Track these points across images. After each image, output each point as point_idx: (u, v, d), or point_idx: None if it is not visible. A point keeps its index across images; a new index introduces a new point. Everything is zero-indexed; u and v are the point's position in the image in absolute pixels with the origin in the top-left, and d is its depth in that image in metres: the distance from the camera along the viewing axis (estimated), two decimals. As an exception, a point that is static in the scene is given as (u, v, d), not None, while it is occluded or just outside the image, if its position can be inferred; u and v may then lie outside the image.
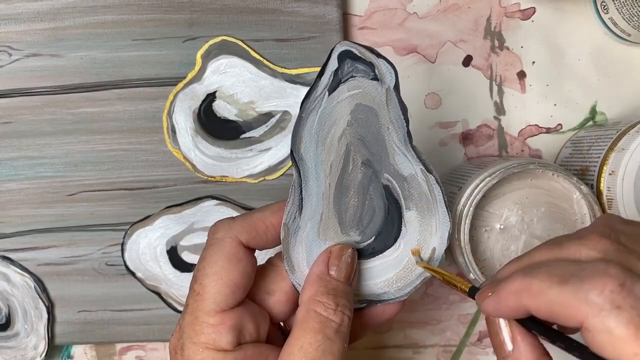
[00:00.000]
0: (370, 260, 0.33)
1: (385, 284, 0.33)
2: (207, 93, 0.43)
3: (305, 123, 0.32)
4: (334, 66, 0.31)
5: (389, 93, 0.31)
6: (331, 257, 0.32)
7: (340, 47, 0.31)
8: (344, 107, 0.32)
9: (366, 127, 0.32)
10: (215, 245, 0.31)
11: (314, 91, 0.31)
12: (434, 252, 0.32)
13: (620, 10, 0.40)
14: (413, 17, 0.43)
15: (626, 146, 0.36)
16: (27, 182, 0.43)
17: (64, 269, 0.44)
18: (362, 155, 0.32)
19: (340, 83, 0.31)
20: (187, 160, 0.43)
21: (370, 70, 0.31)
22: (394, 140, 0.32)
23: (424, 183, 0.32)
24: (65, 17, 0.42)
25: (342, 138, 0.32)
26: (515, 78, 0.44)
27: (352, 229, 0.33)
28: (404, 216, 0.32)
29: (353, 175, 0.32)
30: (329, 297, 0.31)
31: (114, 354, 0.46)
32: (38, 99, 0.43)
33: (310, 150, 0.32)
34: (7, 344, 0.44)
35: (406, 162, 0.32)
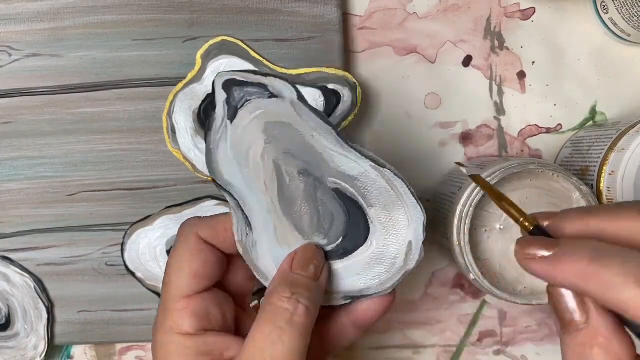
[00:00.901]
0: (345, 259, 0.33)
1: (365, 279, 0.33)
2: (207, 93, 0.42)
3: (217, 153, 0.32)
4: (223, 96, 0.32)
5: (295, 105, 0.32)
6: (296, 257, 0.32)
7: (220, 78, 0.32)
8: (254, 129, 0.32)
9: (287, 141, 0.32)
10: (180, 240, 0.34)
11: (213, 123, 0.32)
12: (410, 246, 0.32)
13: (620, 10, 0.40)
14: (413, 17, 0.43)
15: (626, 146, 0.36)
16: (27, 182, 0.43)
17: (64, 269, 0.44)
18: (295, 166, 0.32)
19: (238, 109, 0.32)
20: (187, 161, 0.43)
21: (263, 90, 0.32)
22: (326, 145, 0.32)
23: (379, 178, 0.32)
24: (65, 17, 0.42)
25: (264, 156, 0.32)
26: (515, 78, 0.44)
27: (314, 235, 0.33)
28: (368, 214, 0.32)
29: (294, 186, 0.32)
30: (284, 288, 0.31)
31: (113, 354, 0.46)
32: (38, 99, 0.43)
33: (235, 175, 0.32)
34: (7, 344, 0.44)
35: (350, 162, 0.32)
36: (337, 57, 0.42)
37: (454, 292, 0.45)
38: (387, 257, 0.33)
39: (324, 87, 0.42)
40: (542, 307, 0.45)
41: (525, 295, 0.37)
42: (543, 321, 0.46)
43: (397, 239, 0.32)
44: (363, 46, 0.44)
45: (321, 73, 0.42)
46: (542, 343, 0.46)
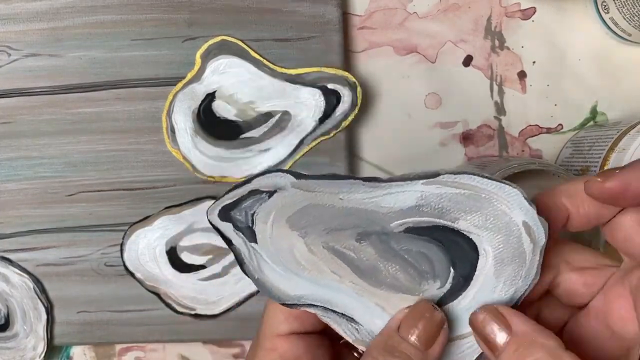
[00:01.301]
0: (472, 283, 0.28)
1: (506, 286, 0.28)
2: (206, 93, 0.42)
3: (267, 278, 0.29)
4: (229, 227, 0.29)
5: (300, 185, 0.28)
6: (406, 315, 0.28)
7: (212, 214, 0.29)
8: (281, 234, 0.28)
9: (321, 221, 0.28)
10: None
11: (241, 256, 0.29)
12: (527, 225, 0.27)
13: (621, 10, 0.40)
14: (413, 16, 0.43)
15: (627, 146, 0.36)
16: (26, 183, 0.43)
17: (63, 269, 0.44)
18: (348, 237, 0.28)
19: (252, 227, 0.28)
20: (186, 161, 0.43)
21: (259, 194, 0.28)
22: (360, 197, 0.28)
23: (442, 188, 0.28)
24: (64, 17, 0.42)
25: (312, 249, 0.28)
26: (515, 78, 0.44)
27: (422, 285, 0.28)
28: (461, 229, 0.28)
29: (364, 255, 0.28)
30: (378, 352, 0.27)
31: (113, 354, 0.46)
32: (37, 99, 0.43)
33: (300, 284, 0.29)
34: (6, 345, 0.44)
35: (399, 195, 0.28)
36: (337, 56, 0.42)
37: (454, 293, 0.45)
38: (512, 251, 0.28)
39: (324, 87, 0.42)
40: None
41: (525, 295, 0.37)
42: (543, 322, 0.45)
43: (508, 229, 0.28)
44: (363, 46, 0.44)
45: (321, 73, 0.42)
46: (542, 343, 0.46)
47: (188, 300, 0.44)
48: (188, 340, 0.45)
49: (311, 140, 0.42)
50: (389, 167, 0.44)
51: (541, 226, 0.27)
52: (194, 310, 0.44)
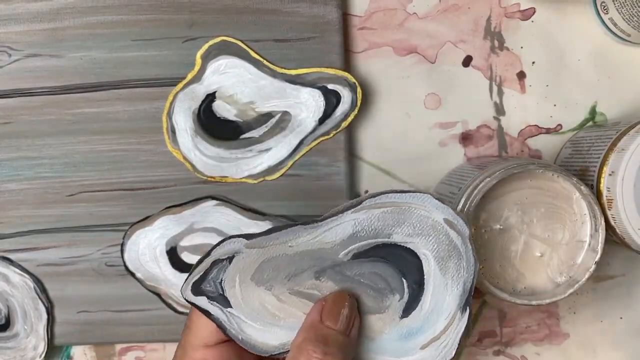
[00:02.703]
0: (426, 290, 0.32)
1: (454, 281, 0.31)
2: (206, 93, 0.42)
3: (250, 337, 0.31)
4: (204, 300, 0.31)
5: (251, 245, 0.31)
6: (325, 305, 0.31)
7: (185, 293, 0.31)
8: (250, 293, 0.31)
9: (280, 270, 0.31)
10: None
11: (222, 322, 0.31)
12: (449, 222, 0.31)
13: (620, 10, 0.40)
14: (413, 17, 0.43)
15: (626, 146, 0.36)
16: (27, 183, 0.43)
17: (64, 269, 0.44)
18: (308, 278, 0.31)
19: (223, 294, 0.31)
20: (186, 161, 0.43)
21: (221, 263, 0.31)
22: (306, 239, 0.31)
23: (369, 213, 0.31)
24: (65, 17, 0.42)
25: (280, 297, 0.31)
26: (515, 78, 0.44)
27: (384, 301, 0.32)
28: (397, 241, 0.31)
29: (325, 290, 0.31)
30: (316, 345, 0.29)
31: (113, 354, 0.46)
32: (37, 99, 0.43)
33: (279, 334, 0.31)
34: (6, 345, 0.44)
35: (337, 228, 0.31)
36: (337, 57, 0.42)
37: (453, 293, 0.45)
38: (446, 249, 0.31)
39: (324, 88, 0.42)
40: (541, 307, 0.45)
41: (524, 295, 0.37)
42: (542, 321, 0.46)
43: (435, 230, 0.31)
44: (363, 46, 0.44)
45: (321, 73, 0.42)
46: (541, 343, 0.46)
47: (188, 300, 0.44)
48: (188, 340, 0.45)
49: (311, 140, 0.42)
50: (388, 167, 0.44)
51: (460, 219, 0.31)
52: (194, 310, 0.44)
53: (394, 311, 0.32)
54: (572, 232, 0.37)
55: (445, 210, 0.31)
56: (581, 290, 0.40)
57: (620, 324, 0.46)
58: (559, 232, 0.37)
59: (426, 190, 0.31)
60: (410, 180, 0.44)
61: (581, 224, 0.37)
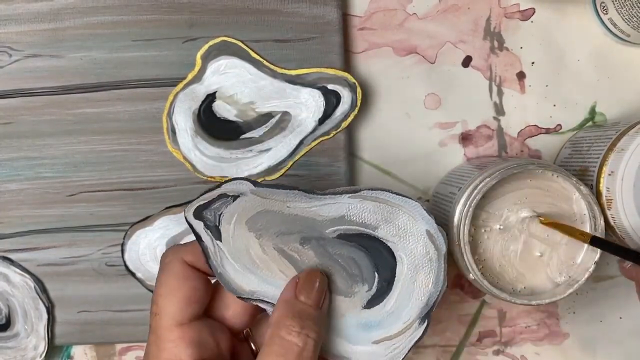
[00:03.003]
0: (393, 290, 0.33)
1: (420, 292, 0.33)
2: (207, 94, 0.43)
3: (227, 273, 0.33)
4: (200, 225, 0.33)
5: (257, 193, 0.33)
6: (299, 282, 0.32)
7: (188, 212, 0.33)
8: (240, 234, 0.33)
9: (272, 225, 0.33)
10: (165, 267, 0.33)
11: (208, 251, 0.33)
12: (430, 234, 0.32)
13: (620, 11, 0.40)
14: (413, 17, 0.44)
15: (625, 146, 0.36)
16: (27, 183, 0.43)
17: (64, 269, 0.44)
18: (293, 241, 0.33)
19: (219, 227, 0.33)
20: (187, 161, 0.43)
21: (226, 198, 0.33)
22: (304, 206, 0.33)
23: (363, 202, 0.33)
24: (65, 17, 0.42)
25: (264, 249, 0.33)
26: (514, 79, 0.44)
27: (352, 287, 0.33)
28: (380, 236, 0.33)
29: (305, 257, 0.33)
30: (293, 320, 0.30)
31: (113, 354, 0.46)
32: (38, 99, 0.43)
33: (253, 281, 0.33)
34: (7, 345, 0.44)
35: (332, 206, 0.33)
36: (337, 57, 0.42)
37: (453, 292, 0.45)
38: (421, 258, 0.33)
39: (324, 88, 0.42)
40: (541, 307, 0.45)
41: (524, 295, 0.37)
42: (542, 321, 0.46)
43: (416, 237, 0.33)
44: (363, 46, 0.44)
45: (321, 73, 0.42)
46: (541, 343, 0.46)
47: (188, 300, 0.44)
48: (188, 340, 0.45)
49: (311, 140, 0.42)
50: (388, 167, 0.44)
51: (441, 235, 0.32)
52: (195, 310, 0.44)
53: (359, 299, 0.33)
54: (571, 232, 0.37)
55: (430, 223, 0.33)
56: (581, 290, 0.40)
57: (619, 324, 0.46)
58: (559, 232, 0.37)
59: (418, 199, 0.32)
60: (410, 180, 0.45)
61: (581, 224, 0.37)
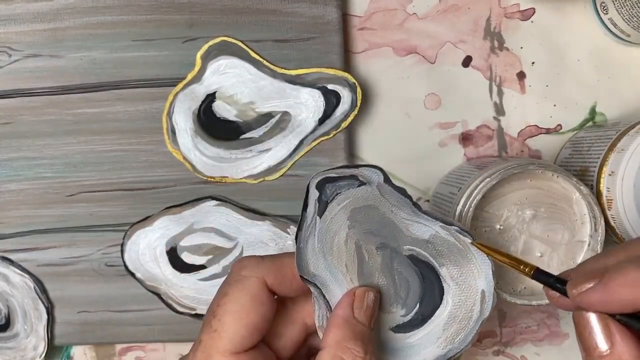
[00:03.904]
0: (425, 325, 0.33)
1: (446, 342, 0.33)
2: (206, 94, 0.43)
3: (306, 250, 0.32)
4: (315, 194, 0.32)
5: (380, 187, 0.32)
6: (355, 299, 0.31)
7: (316, 179, 0.32)
8: (340, 218, 0.32)
9: (369, 221, 0.32)
10: (241, 282, 0.30)
11: (303, 222, 0.32)
12: (483, 295, 0.32)
13: (620, 10, 0.40)
14: (413, 17, 0.43)
15: (626, 147, 0.36)
16: (27, 183, 0.43)
17: (64, 269, 0.44)
18: (374, 243, 0.32)
19: (328, 204, 0.32)
20: (186, 161, 0.43)
21: (354, 181, 0.32)
22: (403, 217, 0.32)
23: (448, 236, 0.32)
24: (65, 17, 0.42)
25: (348, 240, 0.32)
26: (514, 79, 0.44)
27: (392, 306, 0.33)
28: (441, 274, 0.33)
29: (372, 261, 0.33)
30: (357, 344, 0.29)
31: (113, 354, 0.46)
32: (38, 99, 0.43)
33: (320, 265, 0.32)
34: (6, 345, 0.44)
35: (422, 227, 0.32)
36: (337, 57, 0.42)
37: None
38: (464, 312, 0.33)
39: (324, 88, 0.42)
40: (541, 307, 0.45)
41: (524, 295, 0.37)
42: (542, 321, 0.46)
43: (470, 291, 0.32)
44: (363, 47, 0.44)
45: (321, 73, 0.42)
46: (541, 343, 0.46)
47: (188, 300, 0.44)
48: (188, 340, 0.45)
49: (311, 140, 0.42)
50: (388, 167, 0.44)
51: (492, 300, 0.32)
52: (194, 310, 0.44)
53: (391, 320, 0.33)
54: (572, 232, 0.37)
55: (489, 285, 0.32)
56: (581, 290, 0.40)
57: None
58: (559, 232, 0.37)
59: (491, 258, 0.32)
60: (410, 180, 0.44)
61: (581, 224, 0.37)
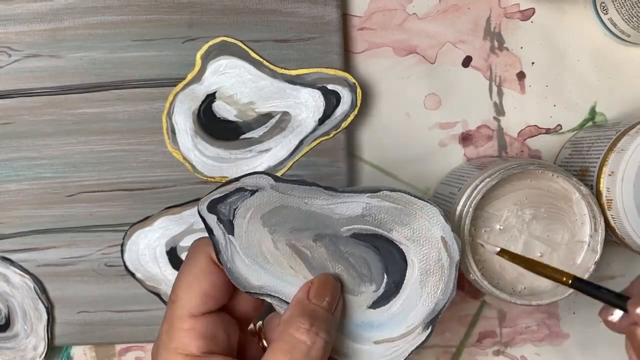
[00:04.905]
0: (401, 292, 0.33)
1: (429, 298, 0.33)
2: (206, 94, 0.43)
3: (236, 268, 0.32)
4: (213, 218, 0.32)
5: (277, 187, 0.32)
6: (312, 286, 0.32)
7: (202, 205, 0.32)
8: (255, 228, 0.32)
9: (287, 220, 0.32)
10: (190, 258, 0.33)
11: (218, 245, 0.32)
12: (444, 241, 0.32)
13: (620, 11, 0.40)
14: (413, 17, 0.43)
15: (626, 147, 0.36)
16: (27, 183, 0.43)
17: (64, 269, 0.44)
18: (307, 237, 0.33)
19: (232, 221, 0.32)
20: (186, 161, 0.43)
21: (243, 192, 0.32)
22: (321, 203, 0.32)
23: (381, 202, 0.32)
24: (65, 17, 0.42)
25: (277, 245, 0.33)
26: (514, 79, 0.44)
27: (361, 287, 0.33)
28: (394, 238, 0.33)
29: (317, 254, 0.33)
30: (304, 318, 0.30)
31: (113, 354, 0.46)
32: (37, 99, 0.43)
33: (262, 276, 0.32)
34: (6, 345, 0.44)
35: (350, 205, 0.32)
36: (337, 57, 0.42)
37: (453, 293, 0.45)
38: (433, 264, 0.33)
39: (324, 88, 0.42)
40: (541, 307, 0.45)
41: (524, 295, 0.37)
42: (542, 321, 0.46)
43: (430, 243, 0.32)
44: (363, 47, 0.44)
45: (321, 74, 0.42)
46: (541, 343, 0.46)
47: (188, 300, 0.44)
48: (188, 340, 0.45)
49: (311, 140, 0.42)
50: (388, 168, 0.44)
51: (456, 243, 0.32)
52: (194, 311, 0.44)
53: (365, 299, 0.33)
54: (571, 232, 0.37)
55: (446, 230, 0.32)
56: (581, 290, 0.40)
57: (620, 324, 0.46)
58: (559, 232, 0.37)
59: (436, 204, 0.32)
60: (410, 180, 0.44)
61: (581, 224, 0.37)
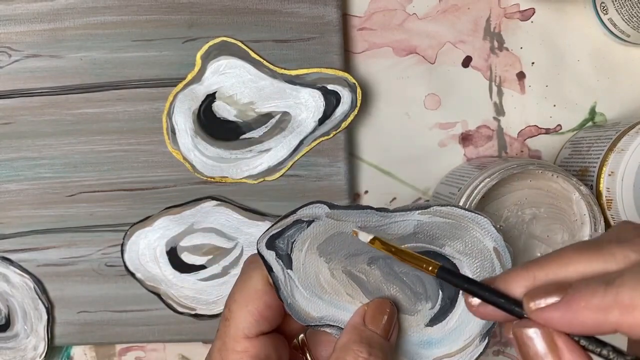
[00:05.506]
0: (456, 307, 0.32)
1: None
2: (206, 94, 0.43)
3: (297, 302, 0.32)
4: (272, 255, 0.32)
5: (332, 215, 0.32)
6: (367, 310, 0.32)
7: (261, 243, 0.32)
8: (312, 260, 0.32)
9: (343, 247, 0.32)
10: (245, 277, 0.32)
11: (278, 282, 0.32)
12: (497, 251, 0.32)
13: (620, 11, 0.40)
14: (412, 18, 0.44)
15: (626, 147, 0.36)
16: (27, 183, 0.43)
17: (64, 269, 0.44)
18: (362, 262, 0.32)
19: (290, 255, 0.32)
20: (186, 161, 0.43)
21: (300, 224, 0.32)
22: (374, 226, 0.32)
23: (432, 218, 0.32)
24: (65, 18, 0.42)
25: (334, 273, 0.32)
26: (514, 79, 0.44)
27: (417, 305, 0.32)
28: (446, 253, 0.32)
29: (372, 278, 0.32)
30: (361, 346, 0.30)
31: (113, 354, 0.46)
32: (38, 99, 0.43)
33: (320, 307, 0.32)
34: (6, 345, 0.44)
35: (402, 224, 0.32)
36: (337, 57, 0.42)
37: (453, 293, 0.45)
38: (487, 275, 0.32)
39: (324, 88, 0.42)
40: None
41: (524, 295, 0.37)
42: (542, 321, 0.46)
43: (483, 255, 0.32)
44: (363, 47, 0.44)
45: (321, 74, 0.42)
46: (541, 343, 0.46)
47: (188, 300, 0.44)
48: (188, 340, 0.45)
49: (311, 140, 0.42)
50: (388, 168, 0.44)
51: (508, 252, 0.32)
52: (194, 310, 0.44)
53: (422, 317, 0.32)
54: (571, 232, 0.37)
55: (498, 240, 0.32)
56: (581, 290, 0.40)
57: (620, 324, 0.46)
58: (559, 232, 0.37)
59: (487, 215, 0.32)
60: (410, 180, 0.45)
61: (581, 224, 0.37)
